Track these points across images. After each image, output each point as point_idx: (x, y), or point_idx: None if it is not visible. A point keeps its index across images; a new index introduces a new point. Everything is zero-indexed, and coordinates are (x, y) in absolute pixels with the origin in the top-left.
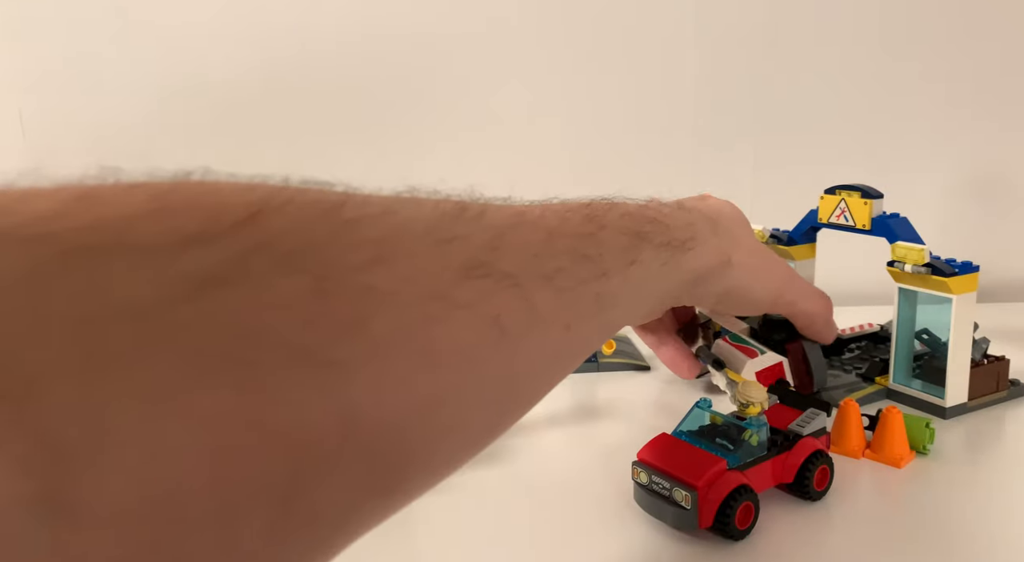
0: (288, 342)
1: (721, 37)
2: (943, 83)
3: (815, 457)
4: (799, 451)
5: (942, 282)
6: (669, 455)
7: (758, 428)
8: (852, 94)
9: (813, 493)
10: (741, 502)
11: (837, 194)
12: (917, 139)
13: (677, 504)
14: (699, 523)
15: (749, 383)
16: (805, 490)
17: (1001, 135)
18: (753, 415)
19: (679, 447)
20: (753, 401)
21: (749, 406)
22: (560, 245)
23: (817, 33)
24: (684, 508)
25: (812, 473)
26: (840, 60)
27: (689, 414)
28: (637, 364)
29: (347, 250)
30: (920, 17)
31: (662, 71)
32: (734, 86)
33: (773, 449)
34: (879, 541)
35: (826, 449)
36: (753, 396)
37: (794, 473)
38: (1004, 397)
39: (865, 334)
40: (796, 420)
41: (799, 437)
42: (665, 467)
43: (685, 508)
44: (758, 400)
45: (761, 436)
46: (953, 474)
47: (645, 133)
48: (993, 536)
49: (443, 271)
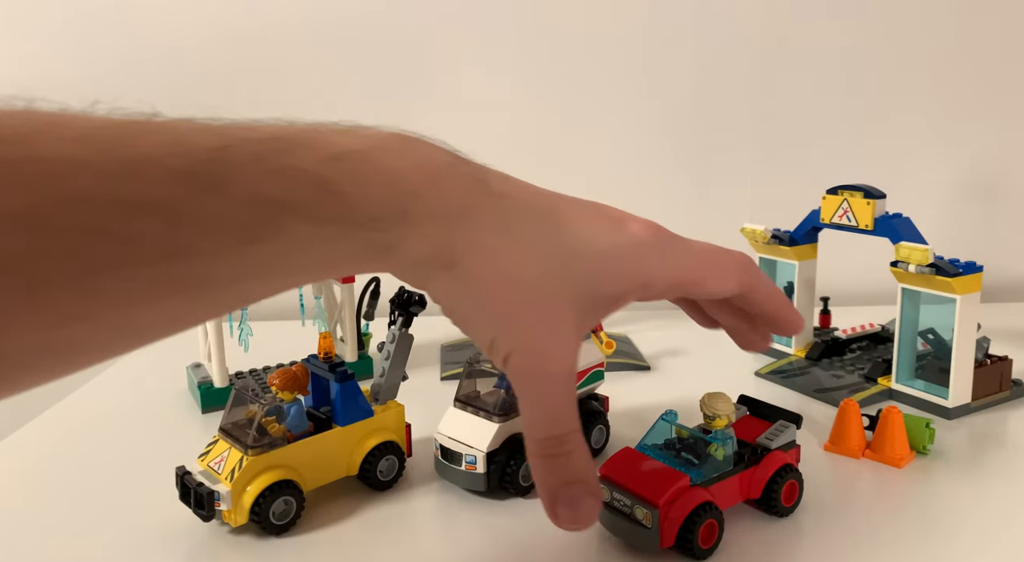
0: None
1: (721, 37)
2: (945, 83)
3: (783, 471)
4: (767, 465)
5: (946, 282)
6: (632, 470)
7: (724, 441)
8: (854, 94)
9: (781, 509)
10: (704, 520)
11: (839, 194)
12: (919, 139)
13: (638, 522)
14: (660, 542)
15: (715, 394)
16: (772, 506)
17: (1004, 135)
18: (719, 428)
19: (642, 462)
20: (719, 414)
21: (715, 419)
22: (109, 214)
23: (818, 33)
24: (645, 527)
25: (780, 488)
26: (841, 60)
27: (654, 427)
28: (637, 364)
29: None
30: (921, 18)
31: (662, 70)
32: (735, 86)
33: (740, 464)
34: (879, 541)
35: (795, 463)
36: (720, 409)
37: (761, 488)
38: (1007, 397)
39: (866, 334)
40: (764, 433)
41: (767, 451)
42: (626, 483)
43: (646, 527)
44: (724, 413)
45: (727, 450)
46: (953, 474)
47: (645, 133)
48: (992, 536)
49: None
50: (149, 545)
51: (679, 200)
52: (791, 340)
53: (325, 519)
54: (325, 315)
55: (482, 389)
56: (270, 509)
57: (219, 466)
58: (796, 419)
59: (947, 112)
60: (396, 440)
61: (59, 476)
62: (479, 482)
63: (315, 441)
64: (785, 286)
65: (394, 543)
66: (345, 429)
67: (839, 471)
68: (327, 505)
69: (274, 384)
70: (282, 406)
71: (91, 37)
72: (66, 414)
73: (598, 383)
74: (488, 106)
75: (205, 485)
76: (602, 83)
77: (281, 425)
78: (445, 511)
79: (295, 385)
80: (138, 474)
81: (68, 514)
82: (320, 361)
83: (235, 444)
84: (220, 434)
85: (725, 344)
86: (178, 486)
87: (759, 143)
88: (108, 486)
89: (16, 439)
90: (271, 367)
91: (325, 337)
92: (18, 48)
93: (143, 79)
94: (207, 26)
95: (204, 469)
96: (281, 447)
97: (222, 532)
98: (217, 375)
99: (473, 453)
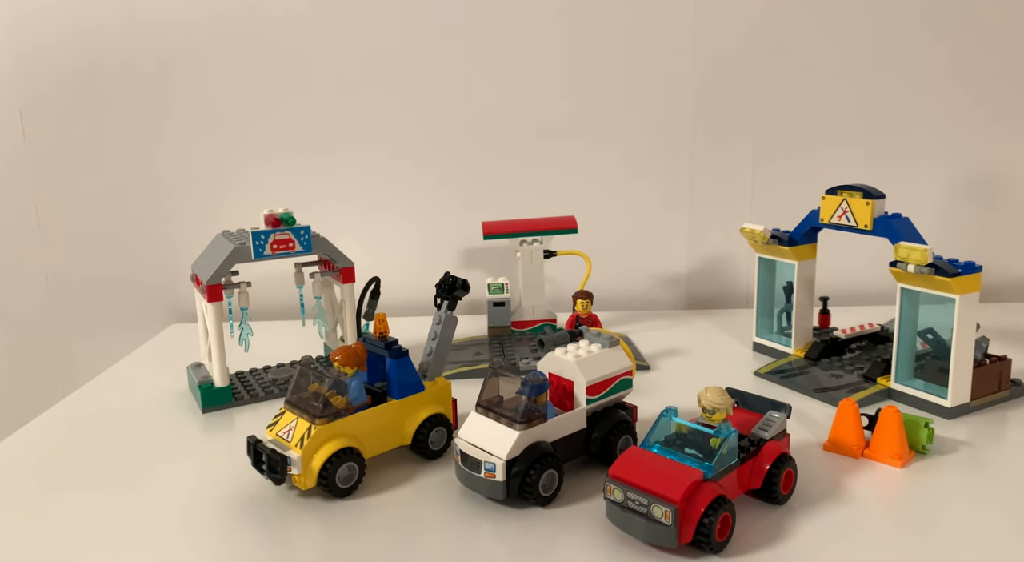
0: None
1: (721, 36)
2: (945, 83)
3: (780, 461)
4: (765, 456)
5: (945, 282)
6: (643, 469)
7: (728, 435)
8: (853, 94)
9: (780, 497)
10: (720, 513)
11: (839, 194)
12: (919, 139)
13: (656, 520)
14: (679, 539)
15: (713, 389)
16: (773, 495)
17: (1003, 135)
18: (719, 421)
19: (651, 460)
20: (718, 407)
21: (715, 413)
22: None
23: (817, 33)
24: (664, 524)
25: (779, 477)
26: (841, 60)
27: (656, 424)
28: (637, 364)
29: None
30: (921, 18)
31: (662, 70)
32: (735, 86)
33: (742, 455)
34: (878, 540)
35: (788, 451)
36: (718, 403)
37: (762, 478)
38: (1006, 397)
39: (866, 334)
40: (758, 424)
41: (763, 441)
42: (640, 482)
43: (665, 524)
44: (723, 406)
45: (732, 443)
46: (952, 474)
47: (645, 133)
48: (992, 535)
49: None
50: (150, 545)
51: (679, 200)
52: (791, 340)
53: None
54: (325, 315)
55: (505, 394)
56: (336, 473)
57: (288, 435)
58: (784, 407)
59: (947, 112)
60: (444, 413)
61: (59, 476)
62: (498, 490)
63: (373, 413)
64: (785, 286)
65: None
66: (400, 402)
67: (838, 470)
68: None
69: (336, 360)
70: (344, 380)
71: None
72: (66, 414)
73: (626, 392)
74: (488, 106)
75: (278, 451)
76: (602, 83)
77: (343, 397)
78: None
79: (355, 361)
80: (138, 474)
81: (68, 514)
82: (376, 339)
83: (302, 415)
84: (287, 406)
85: (725, 344)
86: (250, 453)
87: (759, 143)
88: (108, 486)
89: (16, 439)
90: (271, 367)
91: (381, 319)
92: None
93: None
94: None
95: (273, 438)
96: (344, 417)
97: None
98: (217, 375)
99: (493, 461)
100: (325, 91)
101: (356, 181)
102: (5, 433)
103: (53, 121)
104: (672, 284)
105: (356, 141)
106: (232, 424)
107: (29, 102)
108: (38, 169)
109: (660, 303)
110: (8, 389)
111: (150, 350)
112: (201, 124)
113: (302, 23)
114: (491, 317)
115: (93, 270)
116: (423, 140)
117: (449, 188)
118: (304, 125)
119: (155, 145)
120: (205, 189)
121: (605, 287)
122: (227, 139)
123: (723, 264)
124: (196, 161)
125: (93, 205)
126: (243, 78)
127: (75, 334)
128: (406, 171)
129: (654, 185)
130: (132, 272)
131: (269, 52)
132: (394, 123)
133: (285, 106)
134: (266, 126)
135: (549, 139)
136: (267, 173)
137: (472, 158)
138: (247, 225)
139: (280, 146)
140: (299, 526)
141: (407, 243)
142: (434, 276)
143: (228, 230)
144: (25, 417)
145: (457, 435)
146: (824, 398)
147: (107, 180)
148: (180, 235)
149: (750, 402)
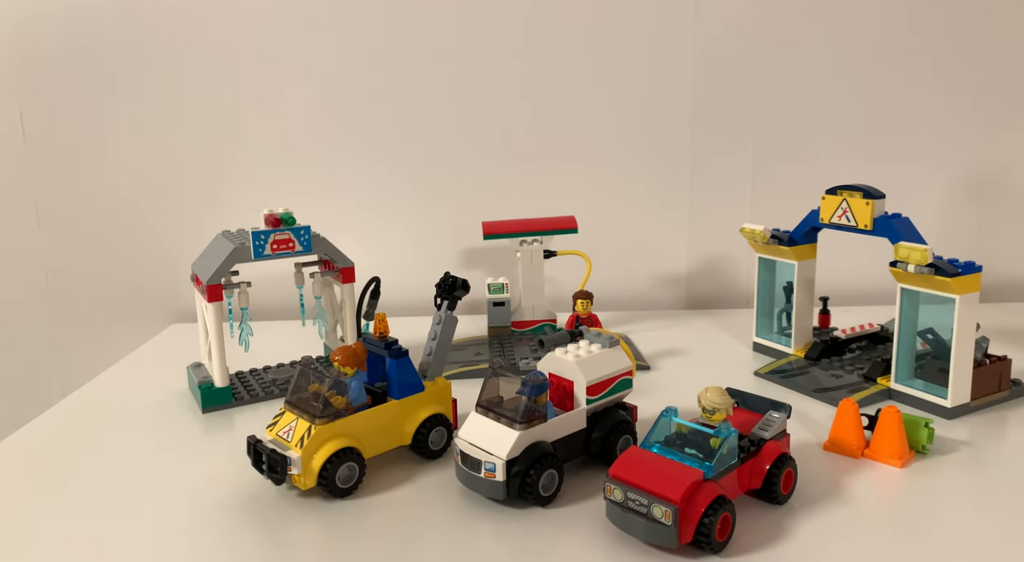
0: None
1: (720, 37)
2: (944, 84)
3: (780, 461)
4: (765, 456)
5: (945, 282)
6: (643, 469)
7: (728, 435)
8: (853, 94)
9: (780, 497)
10: (720, 513)
11: (839, 194)
12: (919, 139)
13: (656, 520)
14: (679, 539)
15: (713, 389)
16: (773, 495)
17: (1002, 135)
18: (720, 421)
19: (651, 460)
20: (719, 407)
21: (715, 413)
22: None
23: (817, 33)
24: (664, 524)
25: (779, 477)
26: (841, 60)
27: (656, 424)
28: (637, 364)
29: None
30: (920, 18)
31: (661, 70)
32: (734, 86)
33: (742, 455)
34: (877, 540)
35: (788, 451)
36: (718, 403)
37: (762, 479)
38: (1006, 397)
39: (866, 334)
40: (758, 424)
41: (763, 441)
42: (640, 482)
43: (665, 524)
44: (723, 406)
45: (732, 443)
46: (952, 474)
47: (645, 133)
48: (992, 535)
49: None
50: (150, 545)
51: (679, 200)
52: (791, 340)
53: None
54: (325, 315)
55: (505, 394)
56: (336, 473)
57: (288, 435)
58: (784, 407)
59: (947, 112)
60: (444, 413)
61: (59, 476)
62: (498, 490)
63: (373, 413)
64: (784, 286)
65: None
66: (400, 402)
67: (838, 471)
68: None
69: (336, 360)
70: (344, 380)
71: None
72: (66, 414)
73: (626, 392)
74: (488, 106)
75: (278, 451)
76: (602, 83)
77: (343, 397)
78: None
79: (355, 361)
80: (138, 474)
81: (68, 514)
82: (376, 339)
83: (302, 415)
84: (287, 406)
85: (725, 344)
86: (250, 453)
87: (759, 143)
88: (108, 486)
89: (16, 439)
90: (271, 367)
91: (381, 319)
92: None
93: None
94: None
95: (273, 438)
96: (344, 417)
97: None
98: (217, 375)
99: (493, 461)
100: (325, 91)
101: (356, 181)
102: (5, 433)
103: (53, 121)
104: (672, 284)
105: (356, 141)
106: (232, 424)
107: (29, 102)
108: (38, 169)
109: (660, 303)
110: (8, 389)
111: (150, 350)
112: (201, 124)
113: (302, 23)
114: (491, 317)
115: (93, 270)
116: (423, 140)
117: (449, 188)
118: (304, 125)
119: (155, 145)
120: (205, 189)
121: (605, 287)
122: (227, 139)
123: (723, 264)
124: (196, 161)
125: (93, 205)
126: (243, 78)
127: (75, 334)
128: (406, 171)
129: (654, 185)
130: (132, 272)
131: (269, 52)
132: (394, 123)
133: (285, 106)
134: (266, 126)
135: (549, 139)
136: (267, 173)
137: (472, 158)
138: (247, 225)
139: (280, 146)
140: (299, 526)
141: (407, 243)
142: (434, 276)
143: (228, 230)
144: (25, 417)
145: (457, 435)
146: (824, 398)
147: (107, 180)
148: (180, 235)
149: (750, 402)
